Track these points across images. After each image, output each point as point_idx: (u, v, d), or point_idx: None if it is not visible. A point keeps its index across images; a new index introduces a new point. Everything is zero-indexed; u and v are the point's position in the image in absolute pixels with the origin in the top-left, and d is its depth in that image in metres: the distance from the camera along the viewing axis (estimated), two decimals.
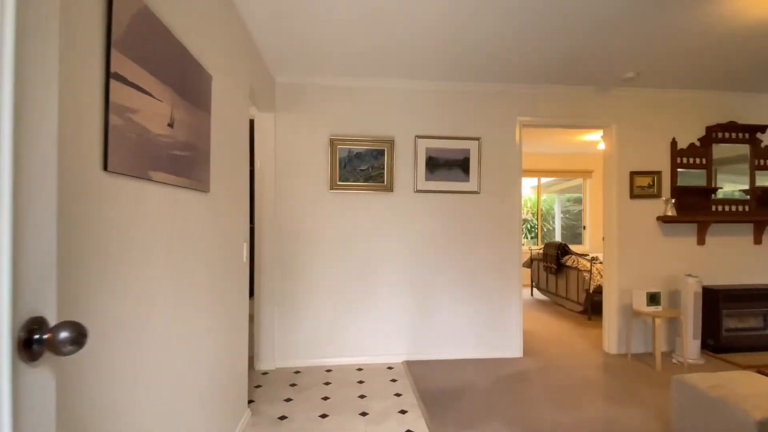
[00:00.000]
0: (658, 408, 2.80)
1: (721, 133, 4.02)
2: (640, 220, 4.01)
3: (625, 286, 3.97)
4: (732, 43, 2.92)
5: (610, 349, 4.01)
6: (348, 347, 3.65)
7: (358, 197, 3.64)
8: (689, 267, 4.06)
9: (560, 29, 2.69)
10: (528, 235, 8.68)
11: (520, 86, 3.81)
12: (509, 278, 3.86)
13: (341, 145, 3.56)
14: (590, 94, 3.93)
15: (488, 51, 3.03)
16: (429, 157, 3.69)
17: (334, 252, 3.63)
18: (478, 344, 3.81)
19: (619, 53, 3.09)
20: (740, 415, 1.88)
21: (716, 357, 3.82)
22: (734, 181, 4.11)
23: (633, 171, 3.98)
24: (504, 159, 3.84)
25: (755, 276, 4.16)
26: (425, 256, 3.74)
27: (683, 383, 2.22)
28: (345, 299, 3.65)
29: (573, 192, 8.77)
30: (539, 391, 3.09)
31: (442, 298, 3.77)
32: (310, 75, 3.51)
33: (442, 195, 3.75)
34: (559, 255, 5.94)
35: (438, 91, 3.75)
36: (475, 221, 3.80)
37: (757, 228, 4.14)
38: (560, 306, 6.05)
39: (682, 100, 4.05)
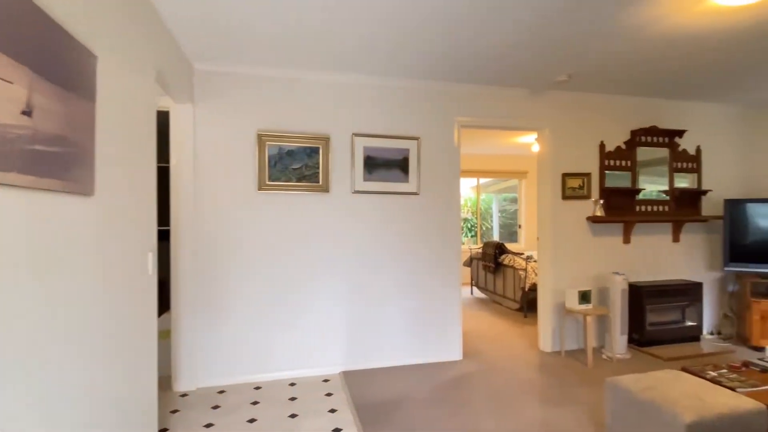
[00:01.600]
0: (592, 408, 2.83)
1: (644, 137, 4.23)
2: (571, 221, 4.11)
3: (559, 285, 4.05)
4: (652, 52, 3.03)
5: (545, 347, 4.08)
6: (280, 361, 3.37)
7: (291, 198, 3.37)
8: (616, 265, 4.24)
9: (492, 26, 2.61)
10: (468, 234, 8.82)
11: (458, 86, 3.74)
12: (450, 280, 3.78)
13: (271, 141, 3.27)
14: (525, 96, 3.96)
15: (420, 45, 2.90)
16: (367, 156, 3.50)
17: (263, 257, 3.33)
18: (418, 349, 3.70)
19: (552, 56, 3.09)
20: (670, 418, 1.88)
21: (641, 351, 4.01)
22: (655, 182, 4.35)
23: (565, 173, 4.07)
24: (443, 159, 3.75)
25: (674, 272, 4.43)
26: (364, 259, 3.56)
27: (616, 386, 2.22)
28: (276, 309, 3.36)
29: (510, 192, 9.03)
30: (479, 396, 3.03)
31: (382, 303, 3.61)
32: (236, 63, 3.19)
33: (381, 196, 3.58)
34: (496, 254, 6.03)
35: (376, 87, 3.57)
36: (415, 223, 3.68)
37: (675, 227, 4.41)
38: (498, 304, 6.15)
39: (609, 104, 4.21)
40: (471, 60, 3.16)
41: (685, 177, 4.43)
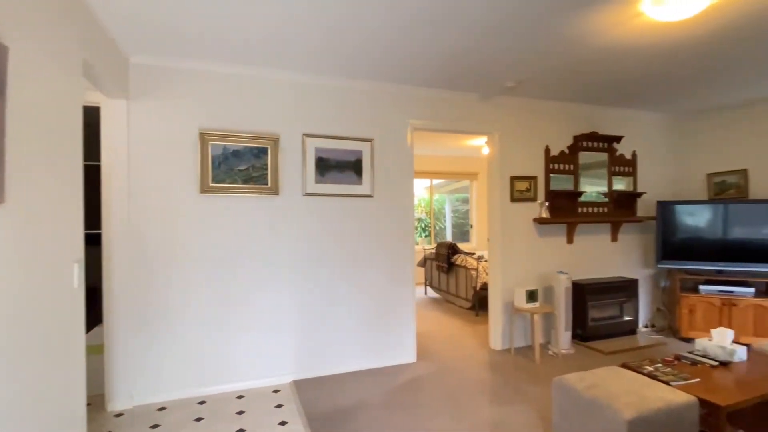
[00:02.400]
0: (541, 405, 2.91)
1: (585, 142, 4.44)
2: (519, 222, 4.23)
3: (508, 284, 4.17)
4: (594, 62, 3.17)
5: (495, 345, 4.18)
6: (226, 372, 3.20)
7: (237, 201, 3.20)
8: (561, 264, 4.42)
9: (443, 32, 2.61)
10: (422, 234, 8.92)
11: (412, 89, 3.73)
12: (404, 283, 3.77)
13: (214, 140, 3.08)
14: (476, 101, 4.03)
15: (375, 47, 2.85)
16: (319, 157, 3.41)
17: (207, 264, 3.14)
18: (372, 353, 3.65)
19: (500, 63, 3.15)
20: (612, 415, 1.96)
21: (584, 345, 4.21)
22: (595, 185, 4.58)
23: (513, 176, 4.19)
24: (397, 161, 3.73)
25: (613, 270, 4.70)
26: (316, 264, 3.46)
27: (562, 385, 2.29)
28: (222, 317, 3.19)
29: (462, 192, 9.22)
30: (432, 398, 3.03)
31: (335, 308, 3.53)
32: (177, 57, 2.98)
33: (334, 198, 3.50)
34: (449, 254, 6.12)
35: (329, 87, 3.48)
36: (369, 225, 3.63)
37: (614, 227, 4.67)
38: (451, 303, 6.25)
39: (554, 110, 4.38)
40: (424, 64, 3.15)
41: (622, 180, 4.71)
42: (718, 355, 2.60)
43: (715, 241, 4.31)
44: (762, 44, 2.87)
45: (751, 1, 2.30)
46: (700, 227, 4.41)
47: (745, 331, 4.00)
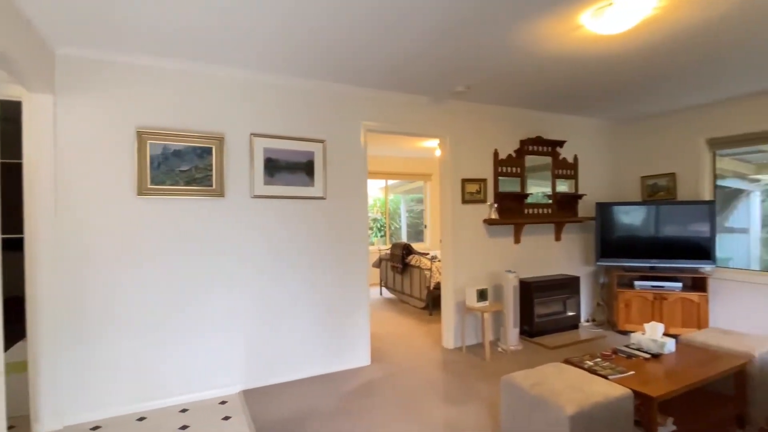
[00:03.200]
0: (490, 403, 2.99)
1: (531, 146, 4.62)
2: (470, 223, 4.33)
3: (460, 284, 4.25)
4: (538, 70, 3.29)
5: (448, 344, 4.25)
6: (169, 385, 3.02)
7: (179, 204, 3.03)
8: (509, 263, 4.57)
9: (392, 36, 2.61)
10: (377, 234, 8.93)
11: (365, 90, 3.70)
12: (358, 285, 3.74)
13: (153, 139, 2.89)
14: (428, 104, 4.07)
15: (326, 46, 2.80)
16: (268, 158, 3.29)
17: (146, 271, 2.94)
18: (326, 358, 3.59)
19: (450, 67, 3.20)
20: (556, 411, 2.04)
21: (531, 341, 4.38)
22: (540, 187, 4.78)
23: (464, 178, 4.28)
24: (350, 163, 3.69)
25: (556, 268, 4.93)
26: (265, 268, 3.34)
27: (510, 383, 2.35)
28: (164, 327, 3.00)
29: (416, 193, 9.33)
30: (386, 401, 3.02)
31: (286, 314, 3.43)
32: (112, 50, 2.76)
33: (284, 201, 3.40)
34: (404, 255, 6.16)
35: (279, 86, 3.38)
36: (322, 228, 3.56)
37: (557, 227, 4.90)
38: (406, 303, 6.30)
39: (503, 115, 4.52)
40: (376, 65, 3.13)
41: (564, 182, 4.94)
42: (650, 348, 2.78)
43: (648, 240, 4.63)
44: (685, 59, 3.11)
45: (675, 21, 2.48)
46: (634, 227, 4.72)
47: (674, 323, 4.32)
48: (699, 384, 2.34)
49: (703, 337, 3.00)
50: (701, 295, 4.24)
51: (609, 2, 2.28)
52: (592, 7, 2.33)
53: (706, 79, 3.62)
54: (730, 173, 4.64)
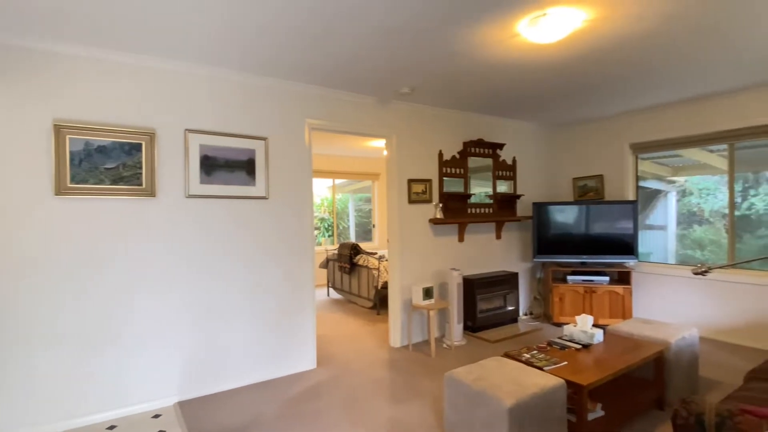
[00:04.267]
0: (435, 399, 3.04)
1: (474, 148, 4.77)
2: (416, 223, 4.39)
3: (406, 283, 4.30)
4: (479, 75, 3.40)
5: (395, 342, 4.28)
6: (94, 400, 2.77)
7: (104, 204, 2.79)
8: (453, 261, 4.69)
9: (337, 32, 2.57)
10: (325, 234, 8.82)
11: (310, 87, 3.62)
12: (303, 287, 3.65)
13: (73, 134, 2.64)
14: (374, 104, 4.07)
15: (269, 41, 2.70)
16: (205, 156, 3.12)
17: (68, 277, 2.68)
18: (269, 363, 3.47)
19: (394, 68, 3.21)
20: (496, 404, 2.11)
21: (474, 336, 4.52)
22: (482, 187, 4.95)
23: (410, 178, 4.33)
24: (294, 161, 3.60)
25: (497, 265, 5.13)
26: (203, 272, 3.17)
27: (453, 379, 2.40)
28: (88, 338, 2.75)
29: (364, 192, 9.32)
30: (331, 405, 2.98)
31: (226, 319, 3.28)
32: (25, 34, 2.47)
33: (223, 201, 3.24)
34: (352, 255, 6.13)
35: (217, 80, 3.21)
36: (265, 229, 3.44)
37: (498, 226, 5.10)
38: (353, 303, 6.27)
39: (447, 117, 4.63)
40: (320, 63, 3.07)
41: (504, 183, 5.15)
42: (581, 339, 2.97)
43: (579, 237, 4.95)
44: (611, 69, 3.35)
45: (603, 33, 2.66)
46: (567, 225, 5.02)
47: (602, 315, 4.65)
48: (624, 371, 2.52)
49: (627, 327, 3.25)
50: (626, 288, 4.60)
51: (543, 13, 2.39)
52: (528, 16, 2.43)
53: (630, 89, 3.93)
54: (651, 175, 5.08)
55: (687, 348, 3.00)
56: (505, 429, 2.06)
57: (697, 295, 4.43)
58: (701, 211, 4.67)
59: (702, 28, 2.61)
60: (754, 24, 2.56)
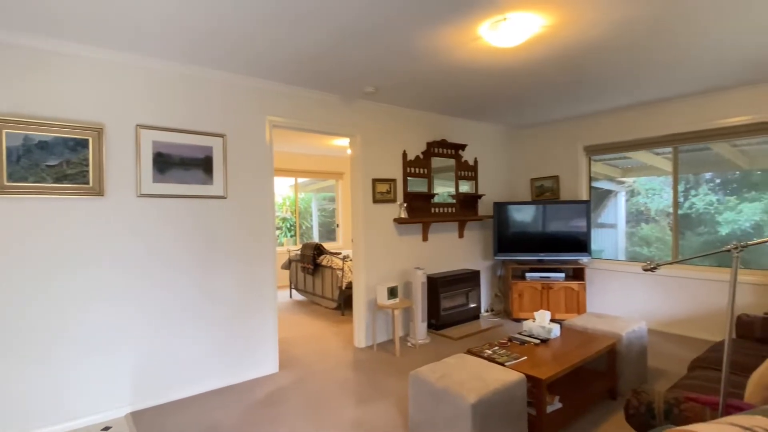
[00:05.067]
0: (399, 399, 3.04)
1: (437, 148, 4.83)
2: (381, 222, 4.39)
3: (371, 283, 4.29)
4: (442, 77, 3.44)
5: (359, 343, 4.25)
6: (38, 412, 2.57)
7: (46, 204, 2.59)
8: (418, 261, 4.73)
9: (300, 28, 2.52)
10: (287, 234, 8.65)
11: (271, 84, 3.53)
12: (264, 289, 3.55)
13: (10, 128, 2.43)
14: (338, 102, 4.02)
15: (229, 35, 2.60)
16: (158, 153, 2.97)
17: (6, 283, 2.47)
18: (230, 368, 3.36)
19: (357, 67, 3.19)
20: (460, 401, 2.14)
21: (438, 334, 4.57)
22: (445, 187, 5.02)
23: (375, 178, 4.32)
24: (255, 160, 3.49)
25: (460, 263, 5.22)
26: (155, 277, 3.01)
27: (417, 378, 2.41)
28: (29, 350, 2.54)
29: (328, 191, 9.22)
30: (294, 409, 2.92)
31: (182, 324, 3.13)
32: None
33: (178, 200, 3.10)
34: (315, 255, 6.05)
35: (172, 73, 3.06)
36: (223, 229, 3.32)
37: (460, 225, 5.19)
38: (317, 305, 6.19)
39: (411, 117, 4.65)
40: (282, 59, 3.00)
41: (466, 183, 5.25)
42: (540, 334, 3.07)
43: (537, 235, 5.12)
44: (567, 74, 3.48)
45: (559, 40, 2.75)
46: (526, 224, 5.18)
47: (559, 310, 4.84)
48: (579, 364, 2.63)
49: (582, 321, 3.39)
50: (580, 284, 4.81)
51: (503, 17, 2.45)
52: (489, 20, 2.48)
53: (584, 93, 4.10)
54: (603, 176, 5.33)
55: (637, 340, 3.17)
56: (468, 425, 2.09)
57: (645, 289, 4.70)
58: (648, 210, 4.96)
59: (652, 35, 2.76)
60: (701, 32, 2.73)
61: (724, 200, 4.31)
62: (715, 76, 3.61)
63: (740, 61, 3.25)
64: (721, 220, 4.32)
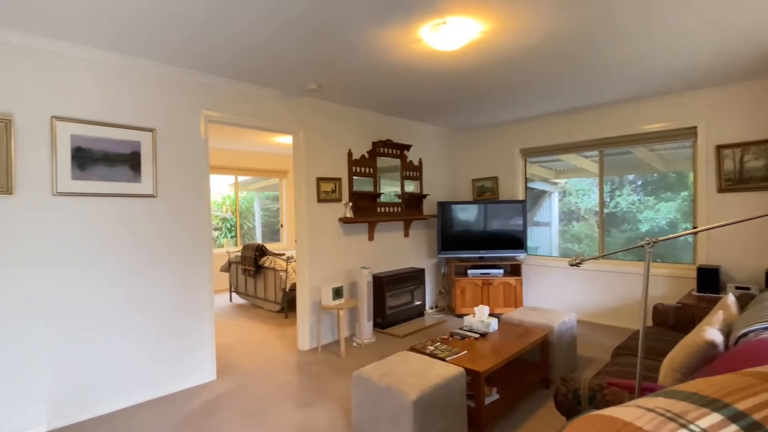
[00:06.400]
0: (343, 400, 3.01)
1: (382, 148, 4.85)
2: (326, 222, 4.33)
3: (316, 283, 4.21)
4: (385, 77, 3.45)
5: (303, 345, 4.17)
6: None
7: None
8: (363, 260, 4.72)
9: (228, 17, 2.42)
10: (228, 235, 8.31)
11: (206, 77, 3.36)
12: (199, 292, 3.37)
13: None
14: (279, 98, 3.91)
15: (152, 20, 2.43)
16: (77, 147, 2.72)
17: None
18: (161, 378, 3.15)
19: (296, 62, 3.11)
20: (402, 398, 2.15)
21: (383, 332, 4.59)
22: (391, 186, 5.06)
23: (319, 177, 4.26)
24: (188, 156, 3.30)
25: (405, 262, 5.28)
26: (80, 281, 2.76)
27: (360, 377, 2.40)
28: None
29: (272, 190, 8.97)
30: (232, 416, 2.79)
31: (109, 332, 2.89)
32: None
33: (101, 199, 2.85)
34: (257, 257, 5.85)
35: (92, 62, 2.81)
36: (152, 230, 3.11)
37: (406, 224, 5.25)
38: (259, 308, 5.99)
39: (356, 116, 4.63)
40: (214, 49, 2.85)
41: (411, 183, 5.33)
42: (479, 329, 3.17)
43: (478, 233, 5.30)
44: (504, 79, 3.62)
45: (496, 46, 2.86)
46: (468, 222, 5.35)
47: (498, 305, 5.04)
48: (515, 356, 2.75)
49: (518, 315, 3.55)
50: (517, 279, 5.04)
51: (443, 21, 2.50)
52: (430, 23, 2.52)
53: (520, 99, 4.30)
54: (538, 177, 5.63)
55: (567, 331, 3.37)
56: (410, 421, 2.11)
57: (575, 283, 5.02)
58: (578, 209, 5.31)
59: (579, 45, 2.94)
60: (623, 43, 2.95)
61: (644, 200, 4.71)
62: (636, 86, 3.93)
63: (656, 74, 3.56)
64: (642, 218, 4.72)
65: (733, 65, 3.38)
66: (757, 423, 0.55)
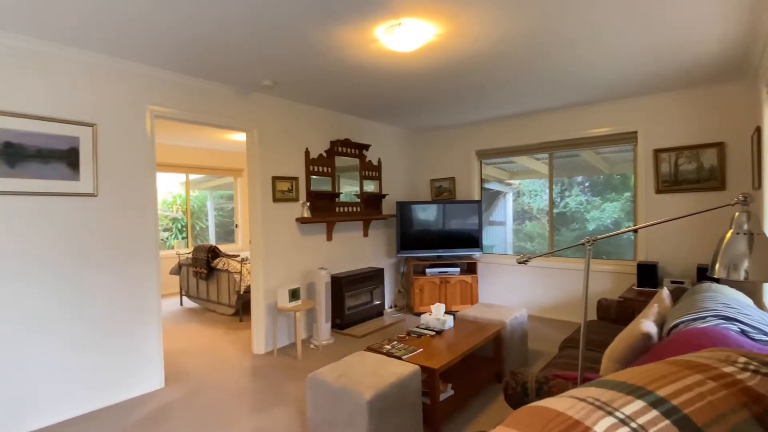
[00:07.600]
0: (300, 404, 2.96)
1: (341, 148, 4.81)
2: (282, 222, 4.24)
3: (271, 285, 4.12)
4: (342, 76, 3.43)
5: (258, 349, 4.06)
6: None
7: None
8: (322, 261, 4.67)
9: (189, 12, 2.32)
10: (179, 236, 7.95)
11: (152, 70, 3.19)
12: (145, 297, 3.20)
13: None
14: (232, 94, 3.79)
15: (89, 8, 2.29)
16: (7, 142, 2.50)
17: None
18: (103, 389, 2.96)
19: (249, 56, 3.02)
20: (357, 398, 2.14)
21: (342, 333, 4.56)
22: (350, 186, 5.03)
23: (275, 176, 4.16)
24: (132, 153, 3.13)
25: (364, 261, 5.27)
26: (8, 286, 2.53)
27: (316, 379, 2.37)
28: None
29: (226, 189, 8.68)
30: (182, 426, 2.67)
31: (43, 341, 2.68)
32: None
33: (33, 198, 2.64)
34: (209, 258, 5.64)
35: (22, 51, 2.60)
36: (92, 232, 2.91)
37: (365, 224, 5.24)
38: (212, 312, 5.78)
39: (314, 115, 4.57)
40: (161, 40, 2.71)
41: (371, 183, 5.33)
42: (435, 326, 3.22)
43: (436, 233, 5.39)
44: (459, 82, 3.70)
45: (451, 49, 2.91)
46: (426, 222, 5.42)
47: (455, 302, 5.14)
48: (469, 352, 2.81)
49: (473, 311, 3.63)
50: (473, 277, 5.17)
51: (398, 22, 2.51)
52: (385, 24, 2.53)
53: (474, 102, 4.41)
54: (493, 178, 5.80)
55: (518, 326, 3.49)
56: (365, 421, 2.10)
57: (527, 280, 5.22)
58: (531, 209, 5.51)
59: (529, 52, 3.05)
60: (568, 53, 3.09)
61: (591, 200, 4.97)
62: (582, 92, 4.13)
63: (600, 82, 3.76)
64: (589, 217, 4.98)
65: (666, 76, 3.63)
66: (675, 408, 0.59)
